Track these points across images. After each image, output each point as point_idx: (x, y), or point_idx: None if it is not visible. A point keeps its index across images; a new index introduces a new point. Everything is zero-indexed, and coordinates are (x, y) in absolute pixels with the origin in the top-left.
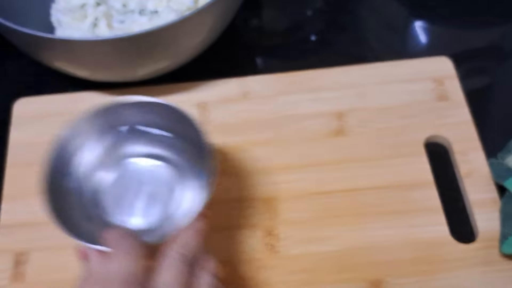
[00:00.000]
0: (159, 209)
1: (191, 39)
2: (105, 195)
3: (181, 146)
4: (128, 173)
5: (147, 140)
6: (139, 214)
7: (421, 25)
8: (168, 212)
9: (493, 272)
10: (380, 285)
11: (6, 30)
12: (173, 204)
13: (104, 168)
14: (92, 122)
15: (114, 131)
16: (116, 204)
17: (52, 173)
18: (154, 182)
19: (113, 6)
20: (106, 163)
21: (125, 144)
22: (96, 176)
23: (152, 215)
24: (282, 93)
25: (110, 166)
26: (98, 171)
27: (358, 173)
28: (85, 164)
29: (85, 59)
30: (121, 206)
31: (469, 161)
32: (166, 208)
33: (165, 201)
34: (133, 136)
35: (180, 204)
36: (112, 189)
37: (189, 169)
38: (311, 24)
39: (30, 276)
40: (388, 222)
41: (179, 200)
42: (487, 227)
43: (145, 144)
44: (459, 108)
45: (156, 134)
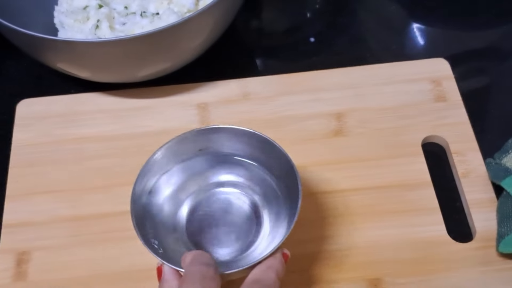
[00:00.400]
0: (239, 240)
1: (192, 41)
2: (189, 221)
3: (269, 179)
4: (212, 201)
5: (233, 168)
6: (219, 244)
7: (419, 26)
8: (248, 244)
9: (491, 272)
10: (379, 284)
11: (9, 31)
12: (255, 235)
13: (188, 193)
14: (182, 144)
15: (200, 156)
16: (199, 232)
17: (140, 190)
18: (237, 211)
19: (115, 8)
20: (189, 189)
21: (211, 170)
22: (181, 201)
23: (232, 246)
24: (282, 94)
25: (193, 191)
26: (183, 196)
27: (356, 173)
28: (170, 186)
29: (88, 60)
30: (204, 234)
31: (466, 161)
32: (246, 240)
33: (245, 233)
34: (220, 163)
35: (262, 236)
36: (195, 215)
37: (274, 202)
38: (311, 26)
39: (32, 275)
40: (386, 222)
41: (261, 232)
42: (484, 226)
43: (231, 173)
44: (456, 108)
45: (243, 163)
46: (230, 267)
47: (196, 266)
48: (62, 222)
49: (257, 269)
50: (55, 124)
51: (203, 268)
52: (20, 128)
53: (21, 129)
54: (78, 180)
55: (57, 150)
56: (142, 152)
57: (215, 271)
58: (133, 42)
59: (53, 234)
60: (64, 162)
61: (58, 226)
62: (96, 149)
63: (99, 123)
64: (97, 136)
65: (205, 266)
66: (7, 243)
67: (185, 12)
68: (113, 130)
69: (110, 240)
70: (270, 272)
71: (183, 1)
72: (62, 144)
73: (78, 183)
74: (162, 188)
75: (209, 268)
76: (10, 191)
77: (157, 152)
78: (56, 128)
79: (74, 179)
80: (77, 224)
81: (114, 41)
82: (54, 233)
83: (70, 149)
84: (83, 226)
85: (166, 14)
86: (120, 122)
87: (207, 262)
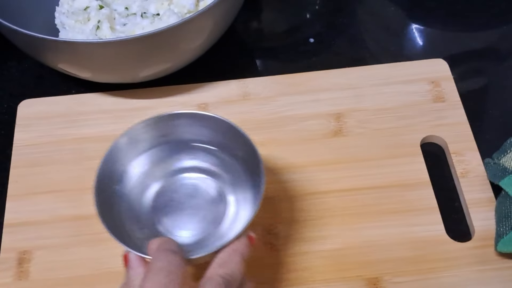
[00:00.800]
0: (205, 224)
1: (192, 42)
2: (154, 207)
3: (232, 162)
4: (177, 186)
5: (197, 154)
6: (186, 227)
7: (418, 27)
8: (214, 228)
9: (489, 271)
10: (378, 283)
11: (10, 32)
12: (219, 220)
13: (153, 179)
14: (145, 132)
15: (165, 143)
16: (165, 216)
17: (104, 177)
18: (202, 196)
19: (115, 9)
20: (155, 175)
21: (176, 156)
22: (146, 186)
23: (198, 230)
24: (282, 94)
25: (159, 177)
26: (148, 182)
27: (355, 173)
28: (136, 173)
29: (88, 61)
30: (170, 218)
31: (465, 161)
32: (213, 224)
33: (212, 217)
34: (184, 149)
35: (227, 219)
36: (161, 201)
37: (239, 186)
38: (310, 27)
39: (33, 275)
40: (385, 221)
41: (226, 215)
42: (483, 226)
43: (196, 158)
44: (455, 109)
45: (207, 148)
46: (196, 251)
47: (162, 253)
48: (63, 222)
49: (222, 253)
50: (56, 124)
51: (169, 255)
52: (21, 129)
53: (22, 129)
54: (79, 180)
55: (58, 150)
56: None
57: (181, 258)
58: (134, 42)
59: (54, 233)
60: (65, 162)
61: (59, 225)
62: (96, 149)
63: (100, 124)
64: (98, 136)
65: (171, 253)
66: (8, 243)
67: (185, 13)
68: (114, 130)
69: (110, 239)
70: (235, 256)
71: (184, 2)
72: (63, 144)
73: (78, 183)
74: (128, 176)
75: (175, 255)
76: (11, 191)
77: (119, 140)
78: (57, 128)
79: (75, 179)
80: (78, 223)
81: (114, 42)
82: (55, 232)
83: (71, 149)
84: (83, 225)
85: (166, 15)
86: (120, 122)
87: (173, 249)
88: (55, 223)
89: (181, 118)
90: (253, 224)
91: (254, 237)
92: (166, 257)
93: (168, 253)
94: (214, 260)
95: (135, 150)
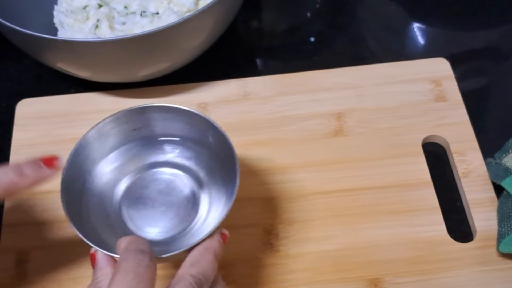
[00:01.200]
0: (177, 221)
1: (192, 41)
2: (125, 203)
3: (206, 158)
4: (149, 182)
5: (171, 148)
6: (157, 224)
7: (419, 26)
8: (186, 225)
9: (491, 271)
10: (378, 284)
11: (9, 31)
12: (193, 216)
13: (125, 175)
14: (115, 126)
15: (138, 137)
16: (136, 213)
17: (73, 173)
18: (174, 192)
19: (114, 8)
20: (127, 170)
21: (149, 151)
22: (117, 182)
23: (170, 227)
24: (282, 93)
25: (130, 173)
26: (119, 178)
27: (356, 173)
28: (106, 169)
29: (87, 60)
30: (140, 215)
31: (466, 161)
32: (184, 221)
33: (184, 214)
34: (158, 143)
35: (200, 216)
36: (131, 197)
37: (213, 182)
38: (311, 26)
39: (32, 275)
40: (387, 221)
41: (199, 213)
42: (485, 226)
43: (169, 153)
44: (456, 108)
45: (182, 143)
46: (167, 248)
47: (131, 253)
48: (62, 222)
49: (194, 251)
50: (55, 124)
51: (138, 255)
52: (19, 128)
53: (20, 128)
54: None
55: (57, 150)
56: None
57: (150, 258)
58: (133, 41)
59: (54, 233)
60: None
61: (58, 225)
62: None
63: None
64: None
65: (140, 253)
66: (7, 243)
67: (185, 12)
68: None
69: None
70: (208, 254)
71: (183, 1)
72: (61, 144)
73: None
74: (99, 172)
75: (144, 255)
76: None
77: (87, 135)
78: (56, 128)
79: None
80: None
81: (114, 41)
82: (54, 232)
83: (69, 149)
84: None
85: (166, 13)
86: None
87: (142, 249)
88: (54, 223)
89: (153, 111)
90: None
91: (227, 235)
92: (134, 258)
93: (137, 253)
94: (186, 259)
95: (106, 145)
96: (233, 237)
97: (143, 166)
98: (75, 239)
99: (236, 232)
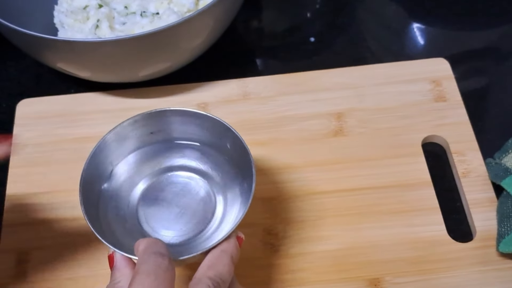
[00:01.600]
0: (193, 224)
1: (192, 41)
2: (141, 205)
3: (222, 161)
4: (165, 185)
5: (187, 152)
6: (173, 227)
7: (419, 26)
8: (202, 228)
9: (490, 271)
10: (378, 284)
11: (9, 31)
12: (208, 219)
13: (142, 178)
14: (134, 129)
15: (155, 140)
16: (152, 215)
17: (91, 174)
18: (190, 195)
19: (115, 8)
20: (143, 173)
21: (165, 154)
22: (133, 185)
23: (185, 230)
24: (282, 93)
25: (147, 176)
26: (136, 181)
27: (356, 173)
28: (124, 172)
29: (88, 60)
30: (157, 218)
31: (466, 161)
32: (200, 224)
33: (199, 216)
34: (174, 147)
35: (215, 220)
36: (148, 200)
37: (229, 186)
38: (311, 26)
39: (32, 275)
40: (386, 221)
41: (214, 216)
42: (484, 226)
43: (185, 156)
44: (456, 108)
45: (197, 147)
46: (183, 252)
47: (151, 256)
48: (62, 222)
49: (211, 254)
50: (55, 124)
51: (158, 257)
52: (20, 128)
53: (21, 129)
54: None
55: (57, 150)
56: None
57: (169, 261)
58: (133, 42)
59: (53, 234)
60: (64, 162)
61: (58, 225)
62: None
63: (99, 123)
64: (97, 136)
65: (160, 256)
66: (7, 243)
67: (185, 12)
68: None
69: None
70: (225, 257)
71: (183, 1)
72: (62, 144)
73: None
74: (116, 175)
75: (163, 258)
76: (10, 190)
77: (106, 138)
78: (56, 128)
79: (74, 179)
80: (77, 224)
81: (114, 41)
82: (54, 233)
83: (70, 149)
84: (82, 226)
85: (166, 14)
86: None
87: (161, 251)
88: (54, 223)
89: (171, 115)
90: (252, 225)
91: (243, 238)
92: (154, 260)
93: (156, 255)
94: (203, 262)
95: (123, 148)
96: None
97: (160, 170)
98: (75, 239)
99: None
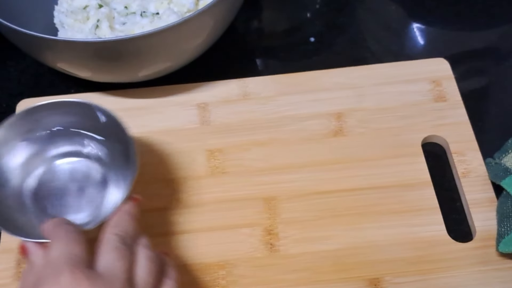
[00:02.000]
0: (90, 206)
1: (192, 41)
2: (37, 196)
3: (103, 141)
4: (56, 173)
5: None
6: (71, 211)
7: (419, 26)
8: (99, 206)
9: (490, 271)
10: (378, 284)
11: (9, 31)
12: (103, 199)
13: (32, 170)
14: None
15: (38, 134)
16: (49, 204)
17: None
18: (83, 179)
19: (115, 8)
20: (34, 165)
21: (50, 145)
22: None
23: (84, 213)
24: (282, 94)
25: (38, 167)
26: (27, 174)
27: (356, 173)
28: (12, 167)
29: (87, 60)
30: (54, 205)
31: (466, 161)
32: (97, 203)
33: (94, 197)
34: (57, 136)
35: (109, 198)
36: (43, 190)
37: (118, 167)
38: (310, 26)
39: None
40: (386, 221)
41: (108, 195)
42: (484, 226)
43: (70, 143)
44: (456, 108)
45: (80, 133)
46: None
47: (59, 227)
48: None
49: (113, 216)
50: None
51: (65, 226)
52: None
53: None
54: None
55: None
56: (142, 151)
57: (77, 227)
58: (133, 41)
59: None
60: None
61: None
62: None
63: None
64: None
65: (67, 224)
66: (7, 243)
67: (185, 12)
68: None
69: None
70: (125, 215)
71: (183, 1)
72: None
73: None
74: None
75: (71, 225)
76: None
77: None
78: None
79: None
80: None
81: (114, 41)
82: None
83: None
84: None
85: (166, 14)
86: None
87: (67, 222)
88: None
89: (41, 110)
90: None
91: (139, 198)
92: (64, 228)
93: (65, 225)
94: (107, 223)
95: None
96: (233, 237)
97: (48, 159)
98: None
99: (236, 232)
